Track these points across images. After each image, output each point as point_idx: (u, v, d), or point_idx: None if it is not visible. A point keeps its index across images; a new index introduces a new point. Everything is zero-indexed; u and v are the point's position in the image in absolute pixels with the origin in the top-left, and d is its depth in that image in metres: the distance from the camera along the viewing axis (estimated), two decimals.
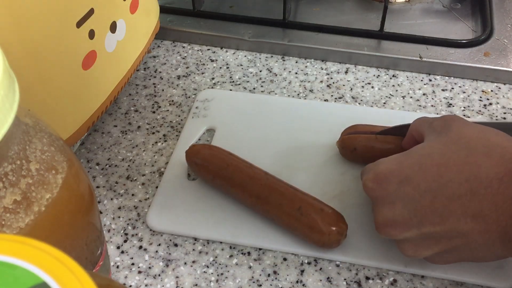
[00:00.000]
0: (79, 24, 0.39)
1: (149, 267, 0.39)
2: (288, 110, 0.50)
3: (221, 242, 0.40)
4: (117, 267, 0.39)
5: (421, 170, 0.32)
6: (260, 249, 0.40)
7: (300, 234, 0.39)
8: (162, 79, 0.55)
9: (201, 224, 0.41)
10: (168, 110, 0.51)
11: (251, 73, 0.55)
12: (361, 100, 0.51)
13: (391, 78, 0.54)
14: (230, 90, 0.53)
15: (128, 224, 0.42)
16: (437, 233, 0.31)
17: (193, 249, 0.40)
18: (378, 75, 0.54)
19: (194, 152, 0.43)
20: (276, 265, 0.39)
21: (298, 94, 0.52)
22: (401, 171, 0.33)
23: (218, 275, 0.38)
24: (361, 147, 0.42)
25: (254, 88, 0.53)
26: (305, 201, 0.38)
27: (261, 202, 0.39)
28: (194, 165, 0.42)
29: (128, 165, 0.46)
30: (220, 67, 0.56)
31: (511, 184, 0.29)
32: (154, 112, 0.51)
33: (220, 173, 0.41)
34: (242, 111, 0.49)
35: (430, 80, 0.53)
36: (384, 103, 0.51)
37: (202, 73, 0.55)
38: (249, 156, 0.44)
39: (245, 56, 0.57)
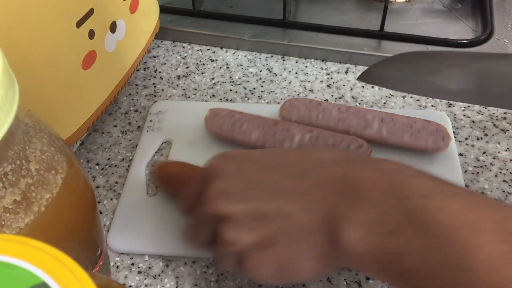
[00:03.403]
0: (79, 24, 0.39)
1: (149, 267, 0.39)
2: None
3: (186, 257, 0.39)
4: (117, 267, 0.39)
5: (265, 153, 0.34)
6: None
7: None
8: (162, 79, 0.55)
9: (166, 240, 0.39)
10: None
11: (251, 73, 0.55)
12: (361, 100, 0.51)
13: None
14: (186, 99, 0.52)
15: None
16: (262, 211, 0.31)
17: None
18: None
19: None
20: None
21: (298, 94, 0.52)
22: (247, 153, 0.35)
23: (218, 275, 0.38)
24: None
25: (254, 88, 0.53)
26: None
27: None
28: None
29: (128, 165, 0.46)
30: (220, 67, 0.56)
31: (341, 167, 0.30)
32: None
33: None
34: (197, 121, 0.48)
35: None
36: (384, 103, 0.51)
37: (202, 73, 0.55)
38: None
39: (245, 56, 0.57)
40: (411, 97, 0.51)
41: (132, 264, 0.39)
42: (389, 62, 0.39)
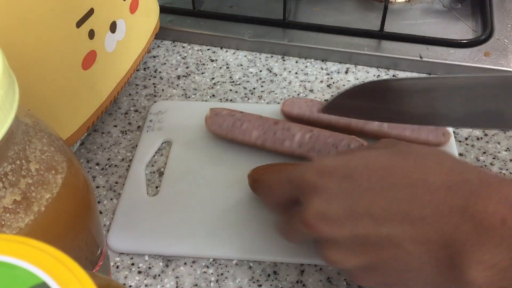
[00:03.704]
0: (79, 24, 0.39)
1: (149, 267, 0.39)
2: None
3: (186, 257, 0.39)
4: (117, 267, 0.39)
5: (366, 170, 0.30)
6: None
7: None
8: (162, 79, 0.55)
9: (166, 240, 0.40)
10: None
11: (251, 73, 0.55)
12: None
13: None
14: (186, 99, 0.52)
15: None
16: (369, 238, 0.29)
17: None
18: (379, 75, 0.54)
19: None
20: (276, 265, 0.39)
21: (298, 94, 0.52)
22: (345, 168, 0.31)
23: (218, 275, 0.38)
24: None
25: (254, 88, 0.53)
26: None
27: None
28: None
29: (128, 165, 0.46)
30: (220, 67, 0.56)
31: (460, 194, 0.27)
32: None
33: None
34: (197, 121, 0.48)
35: None
36: None
37: (202, 73, 0.55)
38: (210, 166, 0.44)
39: (245, 56, 0.57)
40: None
41: (132, 264, 0.39)
42: (351, 93, 0.37)
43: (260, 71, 0.55)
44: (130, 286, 0.38)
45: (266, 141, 0.44)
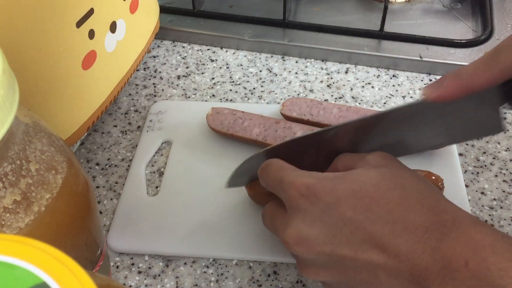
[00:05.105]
0: (79, 24, 0.39)
1: (149, 267, 0.39)
2: None
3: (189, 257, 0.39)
4: (117, 267, 0.39)
5: (352, 197, 0.31)
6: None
7: None
8: (162, 79, 0.55)
9: (166, 240, 0.40)
10: None
11: (251, 73, 0.55)
12: (361, 100, 0.51)
13: (391, 78, 0.54)
14: (186, 99, 0.52)
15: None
16: (346, 262, 0.30)
17: None
18: (378, 75, 0.54)
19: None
20: (276, 265, 0.39)
21: (298, 94, 0.52)
22: (333, 193, 0.31)
23: (218, 275, 0.38)
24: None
25: (254, 88, 0.53)
26: None
27: None
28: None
29: (128, 165, 0.46)
30: (220, 67, 0.56)
31: (434, 235, 0.28)
32: None
33: None
34: (197, 121, 0.48)
35: (431, 80, 0.53)
36: (385, 103, 0.51)
37: (202, 73, 0.55)
38: (210, 166, 0.44)
39: (245, 56, 0.57)
40: (411, 97, 0.51)
41: (132, 264, 0.39)
42: (247, 164, 0.39)
43: (260, 71, 0.55)
44: (130, 286, 0.38)
45: (267, 137, 0.44)
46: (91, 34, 0.41)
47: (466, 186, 0.43)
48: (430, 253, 0.28)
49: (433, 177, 0.38)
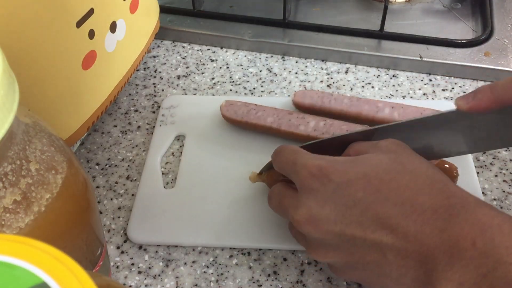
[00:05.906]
0: (79, 24, 0.39)
1: (149, 267, 0.39)
2: None
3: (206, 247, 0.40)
4: (117, 267, 0.39)
5: (363, 179, 0.31)
6: (260, 249, 0.40)
7: None
8: (162, 79, 0.55)
9: (184, 231, 0.40)
10: None
11: (251, 73, 0.55)
12: None
13: (391, 78, 0.54)
14: (195, 94, 0.53)
15: (128, 224, 0.42)
16: (355, 241, 0.31)
17: (193, 249, 0.40)
18: (378, 75, 0.54)
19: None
20: (276, 265, 0.39)
21: None
22: (345, 174, 0.32)
23: (218, 275, 0.38)
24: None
25: (254, 88, 0.53)
26: None
27: None
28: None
29: (128, 165, 0.46)
30: (220, 67, 0.56)
31: (442, 217, 0.29)
32: (154, 112, 0.51)
33: None
34: (210, 113, 0.49)
35: (431, 80, 0.53)
36: None
37: (202, 73, 0.55)
38: (224, 157, 0.45)
39: (245, 56, 0.57)
40: (411, 97, 0.51)
41: (132, 264, 0.39)
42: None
43: (260, 71, 0.55)
44: (130, 286, 0.38)
45: (281, 125, 0.45)
46: (91, 34, 0.41)
47: None
48: (437, 234, 0.29)
49: (446, 165, 0.39)
